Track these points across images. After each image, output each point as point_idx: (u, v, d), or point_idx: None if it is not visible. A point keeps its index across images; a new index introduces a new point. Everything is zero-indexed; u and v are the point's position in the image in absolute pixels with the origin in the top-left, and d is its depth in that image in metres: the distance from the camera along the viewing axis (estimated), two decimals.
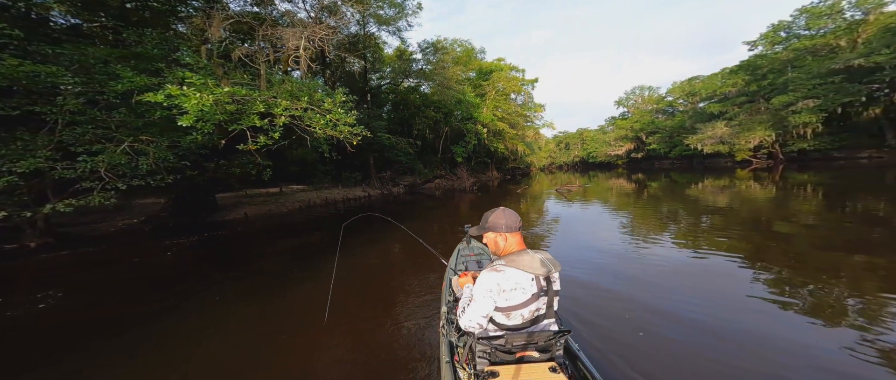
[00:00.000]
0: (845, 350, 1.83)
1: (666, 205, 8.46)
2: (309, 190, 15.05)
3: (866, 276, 2.83)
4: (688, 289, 2.87)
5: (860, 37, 20.20)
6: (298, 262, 4.60)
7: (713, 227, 5.28)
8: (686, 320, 2.30)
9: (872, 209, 5.88)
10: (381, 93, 18.91)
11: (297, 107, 5.34)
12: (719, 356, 1.86)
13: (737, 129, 24.59)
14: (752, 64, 26.67)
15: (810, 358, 1.78)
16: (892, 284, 2.62)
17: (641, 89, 44.57)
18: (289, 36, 5.44)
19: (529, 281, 1.16)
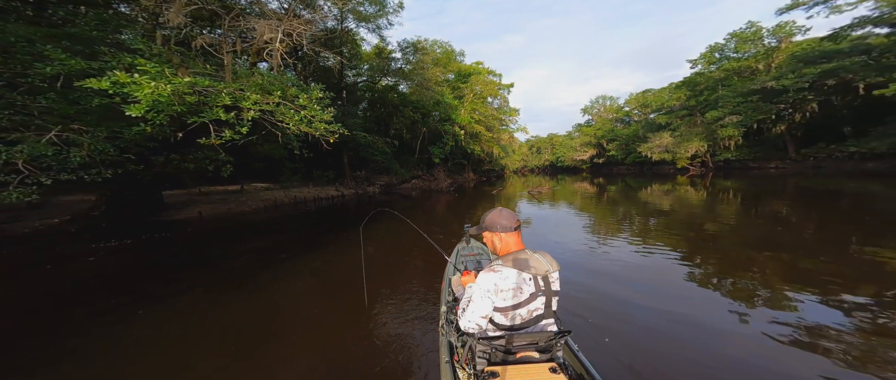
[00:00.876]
0: (759, 333, 2.20)
1: (622, 207, 9.45)
2: (275, 188, 14.05)
3: (772, 268, 3.40)
4: (639, 283, 3.19)
5: (774, 62, 24.35)
6: (259, 268, 4.30)
7: (659, 227, 6.06)
8: (640, 309, 2.62)
9: (776, 211, 7.23)
10: (358, 90, 18.31)
11: (268, 101, 5.04)
12: (662, 343, 2.15)
13: (678, 139, 28.17)
14: (693, 81, 30.63)
15: (732, 340, 2.13)
16: (791, 275, 3.19)
17: (603, 99, 48.63)
18: (262, 28, 5.09)
19: (527, 281, 1.15)
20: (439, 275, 3.47)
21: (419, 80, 16.64)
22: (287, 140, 6.17)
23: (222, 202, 10.93)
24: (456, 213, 10.06)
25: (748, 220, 6.51)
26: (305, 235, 6.85)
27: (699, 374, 1.81)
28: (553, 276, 1.21)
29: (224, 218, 9.41)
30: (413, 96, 18.23)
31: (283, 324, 2.77)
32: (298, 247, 5.54)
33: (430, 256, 4.37)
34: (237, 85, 5.08)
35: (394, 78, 17.95)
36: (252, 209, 10.91)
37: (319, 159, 16.63)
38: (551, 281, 1.20)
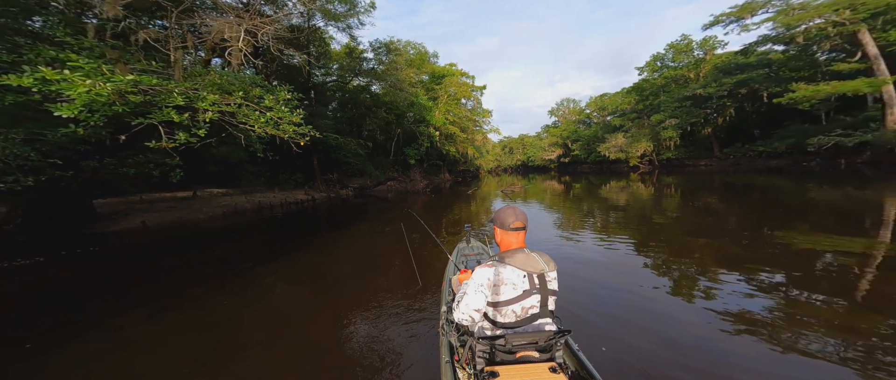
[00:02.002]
0: (702, 309, 2.52)
1: (585, 204, 10.38)
2: (235, 193, 12.91)
3: (707, 254, 3.92)
4: (602, 272, 3.50)
5: (701, 72, 28.26)
6: (222, 279, 4.02)
7: (618, 221, 6.83)
8: (601, 297, 2.87)
9: (707, 204, 8.51)
10: (327, 90, 17.53)
11: (228, 102, 4.70)
12: (621, 325, 2.35)
13: (630, 140, 31.50)
14: (640, 87, 34.27)
15: (679, 321, 2.40)
16: (721, 260, 3.68)
17: (567, 101, 52.25)
18: (220, 26, 4.71)
19: (521, 278, 1.17)
20: (439, 274, 3.52)
21: (392, 81, 16.45)
22: (249, 142, 5.79)
23: (171, 210, 9.80)
24: (432, 213, 10.19)
25: (687, 212, 7.59)
26: (273, 242, 6.53)
27: (653, 351, 2.03)
28: (550, 275, 1.21)
29: (174, 227, 8.48)
30: (386, 97, 17.97)
31: (267, 331, 2.69)
32: (269, 254, 5.28)
33: (429, 256, 4.46)
34: (190, 84, 4.66)
35: (366, 78, 17.50)
36: (207, 217, 9.94)
37: (286, 162, 15.62)
38: (548, 280, 1.20)
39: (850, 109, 18.28)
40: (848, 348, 1.95)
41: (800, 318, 2.34)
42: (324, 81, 17.40)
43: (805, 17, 17.40)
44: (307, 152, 14.78)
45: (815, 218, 5.73)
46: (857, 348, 1.94)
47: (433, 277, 3.51)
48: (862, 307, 2.44)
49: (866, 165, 15.58)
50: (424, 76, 28.47)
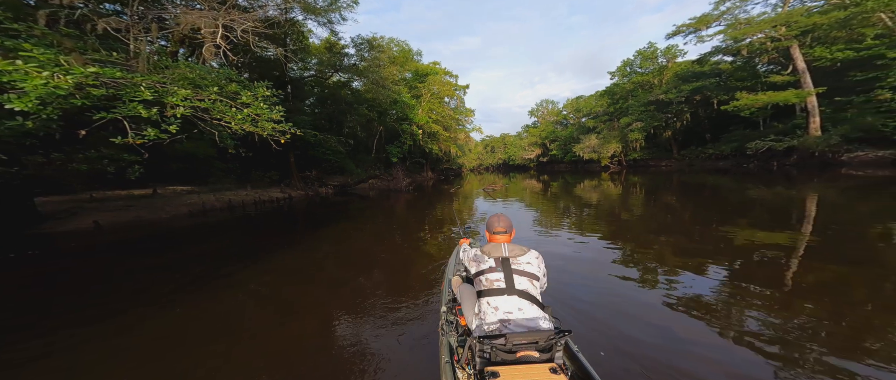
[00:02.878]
0: (660, 300, 2.79)
1: (562, 201, 11.06)
2: (202, 191, 12.08)
3: (668, 248, 4.31)
4: (577, 269, 3.69)
5: (664, 78, 30.79)
6: (182, 286, 3.76)
7: (590, 218, 7.41)
8: (579, 290, 3.09)
9: (667, 202, 9.48)
10: (305, 84, 16.83)
11: (202, 98, 4.51)
12: (595, 316, 2.55)
13: (602, 141, 33.63)
14: (612, 90, 36.55)
15: (644, 310, 2.66)
16: (678, 253, 4.09)
17: (546, 102, 54.23)
18: (190, 18, 4.46)
19: (486, 259, 1.50)
20: (438, 274, 3.63)
21: (375, 77, 16.18)
22: (222, 138, 5.56)
23: (127, 209, 9.03)
24: (416, 211, 10.31)
25: (649, 210, 8.42)
26: (248, 241, 6.33)
27: (621, 335, 2.28)
28: (519, 259, 1.45)
29: (132, 227, 7.87)
30: (368, 94, 17.64)
31: (249, 334, 2.69)
32: (245, 254, 5.14)
33: (428, 256, 4.55)
34: (158, 77, 4.40)
35: (347, 74, 17.04)
36: (171, 216, 9.29)
37: (259, 159, 14.85)
38: (512, 263, 1.44)
39: (782, 116, 21.05)
40: (783, 328, 2.26)
41: (743, 303, 2.70)
42: (301, 76, 16.69)
43: (749, 31, 19.65)
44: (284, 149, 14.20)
45: (753, 214, 6.62)
46: (790, 328, 2.26)
47: (432, 278, 3.58)
48: (790, 292, 2.86)
49: (793, 167, 17.94)
50: (408, 74, 28.22)
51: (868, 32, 16.10)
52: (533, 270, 1.44)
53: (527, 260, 1.46)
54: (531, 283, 1.42)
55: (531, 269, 1.44)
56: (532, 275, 1.43)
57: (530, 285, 1.41)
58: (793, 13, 18.29)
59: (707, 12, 21.94)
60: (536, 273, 1.45)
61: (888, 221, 5.17)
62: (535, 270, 1.45)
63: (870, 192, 8.67)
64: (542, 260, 1.53)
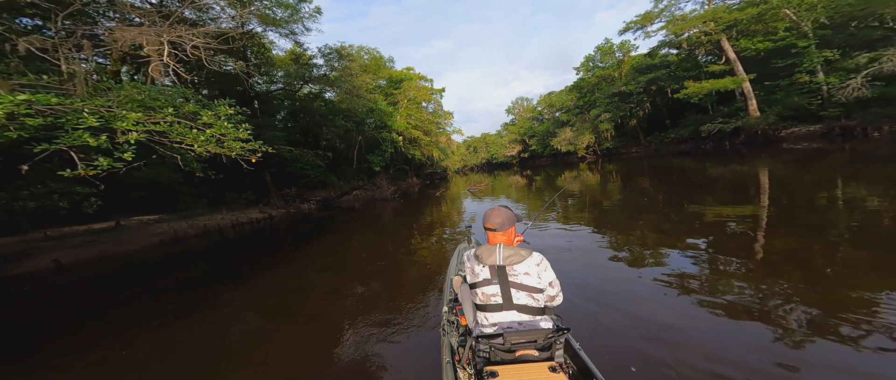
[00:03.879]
0: (650, 280, 2.94)
1: (547, 194, 11.41)
2: (172, 219, 11.14)
3: (648, 231, 4.55)
4: (570, 259, 3.80)
5: (623, 71, 32.83)
6: (165, 317, 3.58)
7: (574, 207, 7.70)
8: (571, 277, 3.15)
9: (640, 186, 10.09)
10: (273, 98, 16.11)
11: (157, 121, 4.15)
12: (589, 300, 2.66)
13: (576, 133, 35.18)
14: (579, 85, 38.24)
15: (629, 286, 2.87)
16: (659, 233, 4.37)
17: (521, 100, 55.82)
18: (129, 35, 4.09)
19: (480, 266, 1.34)
20: (437, 275, 3.60)
21: (348, 87, 15.82)
22: (187, 162, 5.16)
23: (89, 245, 8.18)
24: (404, 218, 10.16)
25: (625, 195, 8.91)
26: (228, 265, 6.03)
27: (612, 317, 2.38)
28: (516, 268, 1.28)
29: (97, 263, 7.24)
30: (343, 104, 17.22)
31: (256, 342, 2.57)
32: (230, 277, 4.88)
33: (423, 259, 4.50)
34: (102, 101, 4.00)
35: (318, 85, 16.52)
36: (140, 247, 8.53)
37: (232, 180, 13.98)
38: (509, 273, 1.27)
39: (726, 101, 23.19)
40: (759, 295, 2.43)
41: (721, 275, 2.91)
42: (268, 90, 15.96)
43: (685, 26, 21.68)
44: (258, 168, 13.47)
45: (716, 191, 7.20)
46: (765, 294, 2.44)
47: (430, 280, 3.57)
48: (760, 260, 3.11)
49: (743, 145, 19.84)
50: (382, 81, 27.96)
51: (779, 25, 18.27)
52: (531, 283, 1.28)
53: (525, 269, 1.29)
54: (531, 296, 1.28)
55: (530, 281, 1.29)
56: (532, 288, 1.28)
57: (530, 299, 1.28)
58: (717, 10, 20.41)
59: (649, 10, 23.93)
60: (537, 285, 1.29)
61: (829, 189, 5.80)
62: (534, 283, 1.29)
63: (809, 163, 9.71)
64: (545, 266, 1.34)
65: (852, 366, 1.65)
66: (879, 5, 14.90)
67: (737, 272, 2.92)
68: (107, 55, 5.07)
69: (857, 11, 15.74)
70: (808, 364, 1.69)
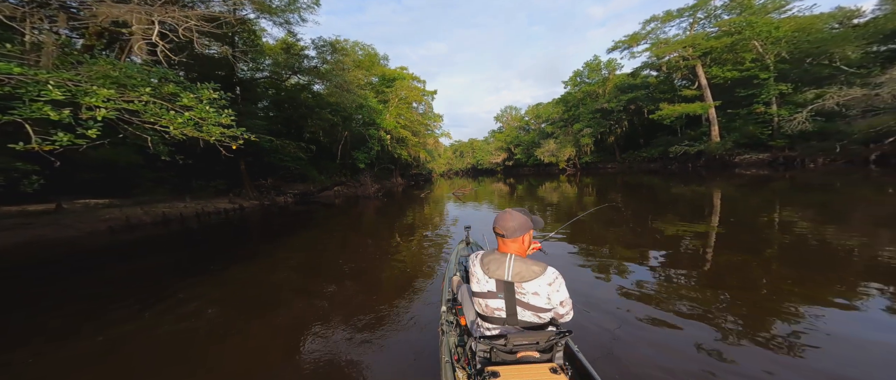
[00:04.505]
0: (616, 288, 3.14)
1: (527, 203, 11.85)
2: (126, 204, 10.27)
3: (618, 242, 4.86)
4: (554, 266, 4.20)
5: (607, 89, 34.96)
6: (115, 309, 3.30)
7: (552, 218, 8.07)
8: None
9: (613, 199, 10.80)
10: (257, 86, 15.45)
11: (130, 99, 3.95)
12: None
13: (559, 145, 36.83)
14: (565, 98, 39.97)
15: (606, 294, 3.04)
16: (625, 245, 4.63)
17: (510, 108, 57.49)
18: (115, 12, 3.87)
19: (484, 277, 1.24)
20: (434, 275, 3.60)
21: (338, 81, 15.53)
22: (155, 144, 4.90)
23: (23, 227, 7.35)
24: (387, 216, 10.13)
25: (601, 210, 9.48)
26: (193, 256, 5.63)
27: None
28: (525, 286, 1.18)
29: (32, 248, 6.50)
30: (331, 98, 16.86)
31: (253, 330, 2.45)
32: (191, 269, 4.55)
33: (427, 255, 4.53)
34: (70, 74, 3.74)
35: (307, 76, 16.07)
36: (86, 233, 7.80)
37: (202, 166, 13.16)
38: (517, 290, 1.19)
39: (693, 125, 25.55)
40: (707, 304, 2.70)
41: (676, 286, 3.20)
42: (253, 77, 15.29)
43: (668, 49, 23.77)
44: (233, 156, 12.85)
45: (677, 209, 7.94)
46: (712, 303, 2.71)
47: (430, 278, 3.61)
48: (708, 273, 3.46)
49: (703, 167, 21.93)
50: (374, 78, 27.66)
51: (747, 56, 20.60)
52: (540, 304, 1.19)
53: (534, 288, 1.19)
54: (537, 315, 1.21)
55: (538, 301, 1.19)
56: (539, 309, 1.20)
57: (535, 318, 1.21)
58: (697, 36, 22.69)
59: (637, 31, 26.02)
60: (545, 306, 1.20)
61: (769, 212, 6.65)
62: (542, 303, 1.20)
63: (755, 188, 10.98)
64: (558, 285, 1.22)
65: (776, 365, 1.89)
66: (832, 45, 17.26)
67: (686, 285, 3.23)
68: (83, 29, 4.67)
69: (813, 49, 18.06)
70: (740, 364, 1.92)
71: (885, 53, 17.05)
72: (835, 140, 15.09)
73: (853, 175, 11.77)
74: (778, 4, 20.43)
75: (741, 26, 20.22)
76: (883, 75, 12.81)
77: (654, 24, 25.26)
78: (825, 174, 12.76)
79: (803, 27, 19.04)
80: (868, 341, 2.10)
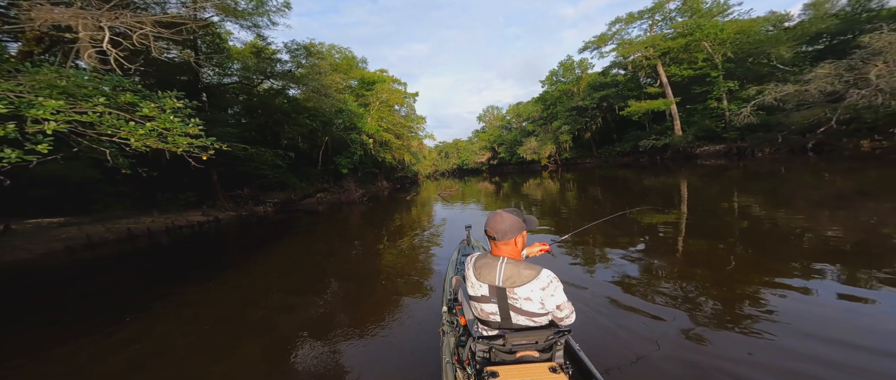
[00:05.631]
0: (607, 281, 3.20)
1: (513, 201, 12.21)
2: (85, 222, 9.45)
3: (605, 232, 5.06)
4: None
5: (581, 87, 36.53)
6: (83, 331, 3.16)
7: (537, 213, 8.32)
8: None
9: (593, 194, 11.35)
10: (226, 92, 14.69)
11: (83, 110, 3.68)
12: None
13: (540, 143, 37.99)
14: (544, 97, 41.32)
15: (598, 284, 3.11)
16: (606, 237, 4.83)
17: (492, 108, 58.49)
18: (58, 16, 3.58)
19: (479, 283, 1.21)
20: (433, 275, 3.61)
21: (315, 85, 15.10)
22: (113, 157, 4.58)
23: None
24: (374, 220, 10.03)
25: (581, 202, 10.03)
26: (163, 273, 5.34)
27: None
28: (517, 291, 1.14)
29: None
30: (309, 102, 16.37)
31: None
32: (169, 283, 4.33)
33: (421, 255, 4.53)
34: (10, 84, 3.42)
35: (281, 81, 15.49)
36: (39, 255, 7.15)
37: (168, 178, 12.34)
38: (509, 295, 1.16)
39: (659, 120, 27.37)
40: (682, 287, 2.90)
41: (654, 272, 3.40)
42: (220, 82, 14.51)
43: (631, 50, 25.40)
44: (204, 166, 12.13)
45: (649, 200, 8.48)
46: (687, 286, 2.92)
47: (429, 278, 3.61)
48: (681, 258, 3.71)
49: (669, 160, 23.58)
50: (353, 82, 27.17)
51: (699, 56, 22.50)
52: (533, 309, 1.16)
53: (527, 293, 1.14)
54: (532, 320, 1.18)
55: (531, 306, 1.16)
56: (532, 314, 1.17)
57: (530, 322, 1.19)
58: (655, 38, 24.45)
59: (604, 32, 27.53)
60: (538, 311, 1.17)
61: (729, 200, 7.29)
62: (535, 308, 1.16)
63: (715, 177, 12.03)
64: (553, 289, 1.16)
65: (752, 347, 2.00)
66: (768, 45, 19.27)
67: (663, 270, 3.42)
68: (17, 33, 4.22)
69: (754, 49, 20.16)
70: (715, 345, 2.04)
71: (813, 53, 19.35)
72: (777, 131, 16.77)
73: (795, 162, 13.17)
74: (722, 8, 22.59)
75: (692, 28, 22.13)
76: (810, 73, 14.33)
77: (619, 25, 26.88)
78: (772, 162, 14.15)
79: (744, 29, 21.19)
80: (820, 313, 2.26)
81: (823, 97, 13.84)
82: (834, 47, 18.08)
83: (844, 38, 17.82)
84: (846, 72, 13.16)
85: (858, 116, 13.08)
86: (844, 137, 14.27)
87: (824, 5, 21.46)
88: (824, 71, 13.81)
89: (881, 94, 11.89)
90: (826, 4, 21.44)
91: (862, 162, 10.85)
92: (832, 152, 14.18)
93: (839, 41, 18.41)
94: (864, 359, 1.80)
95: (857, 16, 18.38)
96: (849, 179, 8.55)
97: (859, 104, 12.52)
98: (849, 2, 19.77)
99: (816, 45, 20.03)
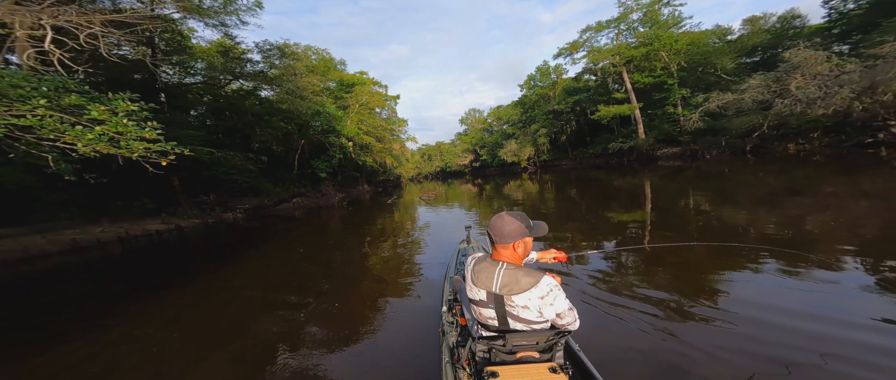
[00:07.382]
0: (586, 275, 3.26)
1: (495, 202, 12.54)
2: (23, 233, 8.49)
3: (576, 232, 5.29)
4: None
5: (556, 92, 38.26)
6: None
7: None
8: None
9: (568, 194, 12.01)
10: (188, 92, 13.73)
11: (21, 113, 3.37)
12: None
13: (520, 145, 39.21)
14: (522, 101, 42.55)
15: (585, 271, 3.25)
16: (584, 234, 5.10)
17: (474, 111, 59.28)
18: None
19: (477, 289, 1.20)
20: (432, 275, 3.59)
21: (290, 87, 14.55)
22: (56, 163, 4.20)
23: None
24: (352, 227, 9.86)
25: (559, 203, 10.53)
26: (123, 286, 4.98)
27: None
28: (514, 299, 1.11)
29: None
30: (283, 104, 15.74)
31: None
32: (128, 296, 4.06)
33: (427, 255, 4.52)
34: None
35: (252, 82, 14.75)
36: None
37: (121, 185, 11.35)
38: (506, 302, 1.13)
39: (626, 124, 29.48)
40: (649, 283, 2.99)
41: (625, 269, 3.43)
42: (181, 82, 13.54)
43: (600, 57, 27.28)
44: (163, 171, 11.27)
45: (619, 200, 9.10)
46: (653, 282, 3.01)
47: (424, 280, 3.62)
48: (648, 256, 3.74)
49: (635, 161, 25.56)
50: (331, 83, 26.45)
51: (657, 65, 24.72)
52: (530, 317, 1.14)
53: (524, 301, 1.12)
54: (530, 327, 1.16)
55: (528, 314, 1.13)
56: (529, 321, 1.15)
57: (528, 329, 1.17)
58: (621, 46, 26.49)
59: (576, 40, 29.26)
60: (535, 319, 1.14)
61: (686, 198, 8.03)
62: (533, 317, 1.13)
63: (673, 177, 13.26)
64: (553, 297, 1.13)
65: (720, 335, 2.10)
66: (714, 57, 21.64)
67: (632, 267, 3.54)
68: None
69: (702, 60, 22.53)
70: (684, 338, 2.11)
71: (751, 64, 22.02)
72: (721, 136, 18.80)
73: (737, 163, 14.84)
74: (677, 20, 25.05)
75: (652, 38, 24.26)
76: (745, 83, 16.28)
77: (589, 33, 28.76)
78: (718, 163, 15.86)
79: (694, 41, 23.69)
80: (770, 300, 2.42)
81: (757, 105, 15.79)
82: (767, 60, 20.77)
83: (775, 52, 20.45)
84: (774, 83, 15.13)
85: (786, 122, 15.06)
86: (776, 141, 16.33)
87: (759, 21, 24.66)
88: (756, 81, 15.76)
89: (800, 103, 13.80)
90: (760, 21, 24.65)
91: (790, 163, 12.47)
92: (766, 154, 16.15)
93: (770, 54, 21.11)
94: (808, 324, 2.13)
95: (784, 32, 21.21)
96: (779, 178, 9.82)
97: (784, 112, 14.45)
98: (778, 19, 22.87)
99: (753, 57, 22.82)
